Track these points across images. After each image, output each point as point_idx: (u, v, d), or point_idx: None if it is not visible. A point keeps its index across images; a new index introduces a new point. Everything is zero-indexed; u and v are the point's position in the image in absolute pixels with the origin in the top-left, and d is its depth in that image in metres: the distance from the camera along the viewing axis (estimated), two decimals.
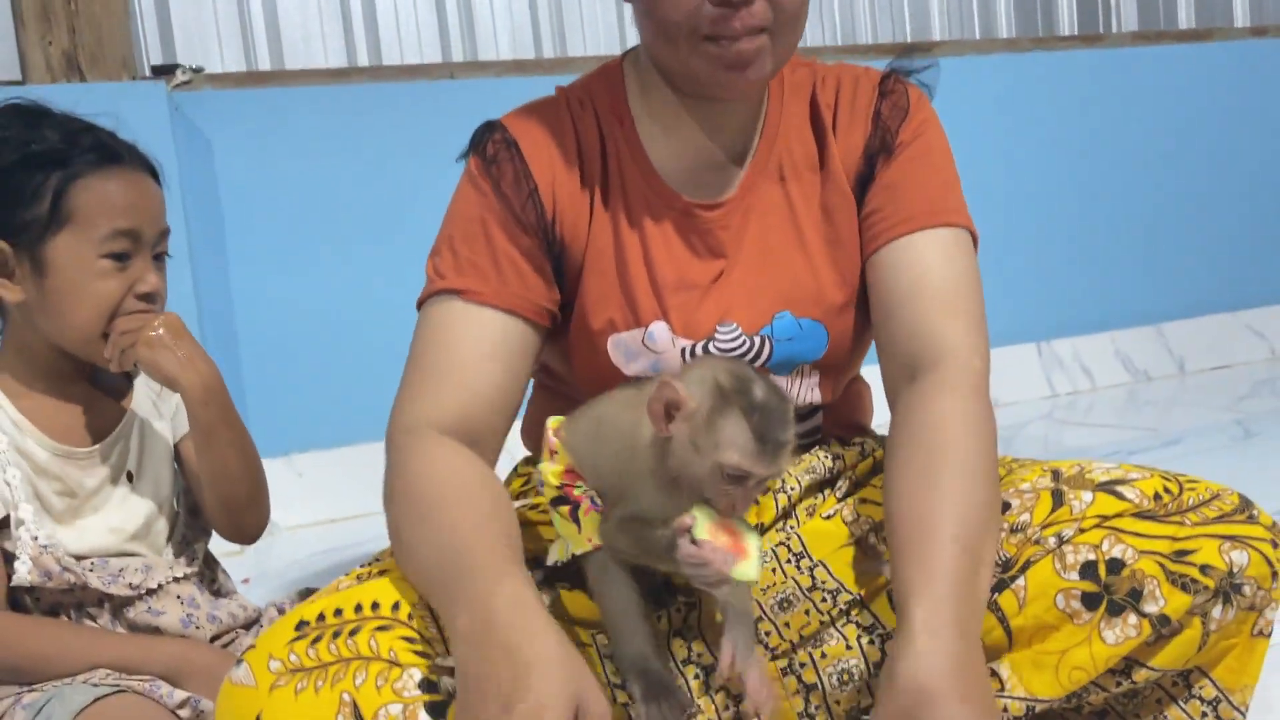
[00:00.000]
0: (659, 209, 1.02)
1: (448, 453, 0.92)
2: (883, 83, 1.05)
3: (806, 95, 1.06)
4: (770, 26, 0.93)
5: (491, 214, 0.99)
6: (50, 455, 1.09)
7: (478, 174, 1.01)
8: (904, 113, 1.03)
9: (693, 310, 1.00)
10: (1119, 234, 2.89)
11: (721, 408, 0.81)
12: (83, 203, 1.07)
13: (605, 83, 1.05)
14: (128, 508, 1.12)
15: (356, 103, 2.23)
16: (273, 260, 2.20)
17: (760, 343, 1.01)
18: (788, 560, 0.98)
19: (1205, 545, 0.88)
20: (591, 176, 1.02)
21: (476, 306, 0.96)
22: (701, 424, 0.81)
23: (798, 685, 0.88)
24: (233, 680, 0.83)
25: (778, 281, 1.01)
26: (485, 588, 0.79)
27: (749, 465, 0.80)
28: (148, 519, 1.13)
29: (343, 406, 2.20)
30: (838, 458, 1.06)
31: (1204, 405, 2.59)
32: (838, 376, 1.06)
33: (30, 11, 1.98)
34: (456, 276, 0.97)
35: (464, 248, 0.99)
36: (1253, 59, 2.99)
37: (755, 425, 0.80)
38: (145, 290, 1.09)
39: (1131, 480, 0.92)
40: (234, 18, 2.23)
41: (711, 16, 0.91)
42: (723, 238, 1.02)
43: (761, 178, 1.03)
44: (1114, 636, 0.88)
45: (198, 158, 2.14)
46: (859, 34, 2.73)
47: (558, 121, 1.03)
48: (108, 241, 1.07)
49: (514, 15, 2.42)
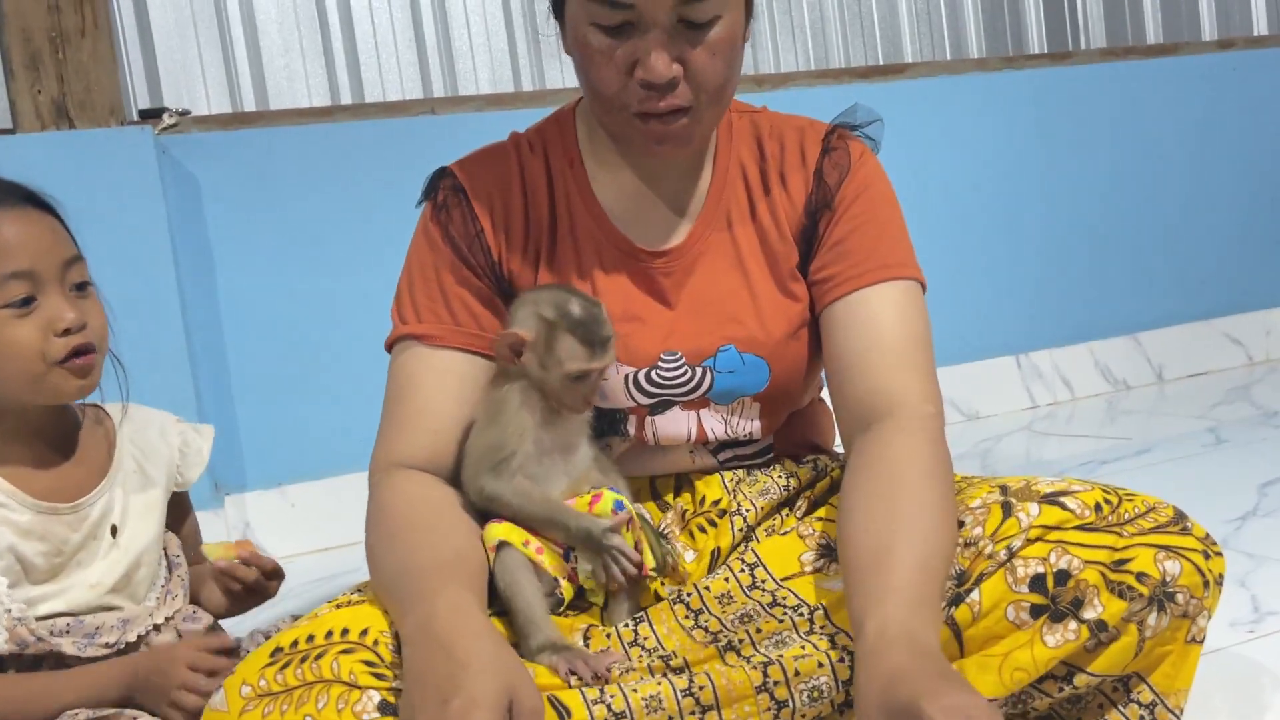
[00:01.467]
0: (606, 248, 1.08)
1: (417, 485, 1.01)
2: (826, 138, 1.10)
3: (754, 144, 1.11)
4: (694, 105, 0.99)
5: (442, 259, 1.06)
6: (33, 516, 1.07)
7: (429, 221, 1.08)
8: (845, 170, 1.08)
9: (637, 341, 1.06)
10: (1095, 246, 2.94)
11: (552, 332, 1.00)
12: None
13: (558, 128, 1.11)
14: (110, 561, 1.11)
15: (341, 140, 2.28)
16: (262, 296, 2.24)
17: (702, 374, 1.07)
18: (743, 574, 1.02)
19: (1141, 554, 0.92)
20: (539, 217, 1.08)
21: (436, 350, 1.04)
22: (542, 349, 1.00)
23: (770, 702, 0.91)
24: (211, 706, 0.87)
25: (722, 319, 1.07)
26: (430, 594, 0.87)
27: (587, 366, 1.00)
28: (128, 570, 1.12)
29: (333, 438, 2.24)
30: (792, 476, 1.11)
31: (1179, 413, 2.64)
32: (779, 409, 1.11)
33: (18, 62, 2.04)
34: (416, 322, 1.05)
35: (420, 294, 1.06)
36: (1221, 72, 3.05)
37: (581, 336, 1.00)
38: (63, 327, 1.04)
39: (1074, 492, 0.97)
40: (219, 61, 2.29)
41: (638, 95, 0.97)
42: (666, 284, 1.08)
43: (709, 228, 1.09)
44: (1054, 640, 0.91)
45: (186, 198, 2.19)
46: (831, 58, 2.79)
47: (505, 166, 1.09)
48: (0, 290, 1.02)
49: (493, 50, 2.48)
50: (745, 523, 1.08)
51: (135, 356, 2.03)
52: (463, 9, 2.45)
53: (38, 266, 1.04)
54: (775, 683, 0.92)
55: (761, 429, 1.10)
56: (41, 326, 1.05)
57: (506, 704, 0.79)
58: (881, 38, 2.84)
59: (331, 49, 2.36)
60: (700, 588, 1.02)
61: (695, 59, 0.97)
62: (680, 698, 0.90)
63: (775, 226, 1.09)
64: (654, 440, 1.09)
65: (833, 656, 0.93)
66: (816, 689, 0.92)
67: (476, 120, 2.34)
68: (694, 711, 0.91)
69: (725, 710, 0.91)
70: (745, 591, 1.00)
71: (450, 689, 0.78)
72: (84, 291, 1.09)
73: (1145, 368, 2.99)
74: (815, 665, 0.92)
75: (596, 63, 0.98)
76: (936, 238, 2.73)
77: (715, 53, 0.97)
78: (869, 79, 2.72)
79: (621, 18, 0.95)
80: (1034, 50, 2.98)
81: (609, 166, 1.09)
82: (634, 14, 0.95)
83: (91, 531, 1.11)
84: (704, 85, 0.98)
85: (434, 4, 2.43)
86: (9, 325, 1.04)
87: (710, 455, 1.12)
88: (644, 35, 0.95)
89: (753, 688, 0.91)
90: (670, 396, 1.08)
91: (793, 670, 0.92)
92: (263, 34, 2.31)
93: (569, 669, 0.90)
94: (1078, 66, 2.91)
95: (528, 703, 0.80)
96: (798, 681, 0.92)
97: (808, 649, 0.93)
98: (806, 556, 1.02)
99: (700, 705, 0.91)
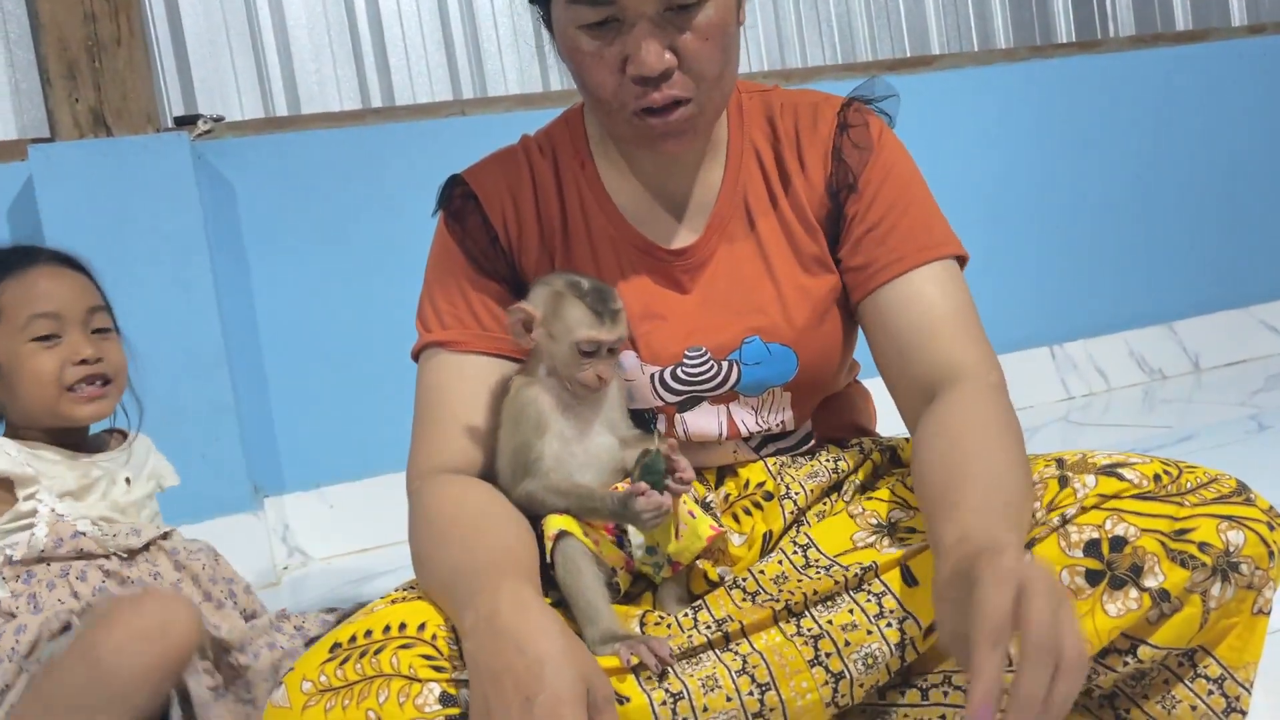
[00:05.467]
0: (623, 247, 1.07)
1: (458, 487, 1.01)
2: (842, 112, 1.09)
3: (767, 125, 1.10)
4: (694, 95, 0.97)
5: (460, 266, 1.07)
6: (67, 460, 1.27)
7: (445, 229, 1.09)
8: (867, 151, 1.07)
9: (660, 338, 1.05)
10: (1129, 235, 2.92)
11: (560, 301, 0.99)
12: (4, 302, 1.25)
13: (567, 129, 1.11)
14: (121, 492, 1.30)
15: (372, 142, 2.30)
16: (297, 299, 2.26)
17: (728, 367, 1.06)
18: (796, 555, 1.02)
19: (1203, 524, 0.91)
20: (550, 219, 1.08)
21: (461, 355, 1.05)
22: (551, 319, 0.98)
23: (826, 675, 0.91)
24: (273, 703, 0.88)
25: (745, 311, 1.06)
26: (489, 589, 0.86)
27: (596, 334, 0.97)
28: (132, 505, 1.30)
29: (370, 439, 2.25)
30: (839, 460, 1.10)
31: (1218, 401, 2.61)
32: (809, 398, 1.10)
33: (56, 71, 2.06)
34: (440, 329, 1.06)
35: (442, 301, 1.07)
36: (1252, 57, 3.03)
37: (590, 304, 0.98)
38: (80, 358, 1.25)
39: (1133, 464, 0.96)
40: (251, 67, 2.31)
41: (635, 93, 0.96)
42: (685, 279, 1.07)
43: (726, 219, 1.08)
44: (1115, 609, 0.90)
45: (221, 203, 2.21)
46: (858, 51, 2.78)
47: (515, 169, 1.09)
48: (29, 326, 1.24)
49: (520, 51, 2.48)
50: (796, 505, 1.07)
51: (174, 361, 2.07)
52: (490, 10, 2.46)
53: (63, 310, 1.26)
54: (827, 654, 0.91)
55: (794, 419, 1.10)
56: (61, 358, 1.25)
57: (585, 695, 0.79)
58: (908, 30, 2.83)
59: (361, 53, 2.38)
60: (755, 571, 1.01)
61: (687, 46, 0.94)
62: (736, 677, 0.90)
63: (794, 209, 1.07)
64: (685, 437, 1.09)
65: (881, 624, 0.92)
66: (870, 655, 0.92)
67: (506, 120, 2.35)
68: (751, 691, 0.90)
69: (783, 687, 0.91)
70: (800, 572, 1.00)
71: (533, 685, 0.78)
72: (105, 335, 1.30)
73: (1181, 356, 2.96)
74: (865, 634, 0.92)
75: (588, 66, 0.96)
76: (967, 230, 2.67)
77: (707, 37, 0.95)
78: (896, 71, 2.71)
79: (605, 14, 0.93)
80: (1062, 39, 2.97)
81: (620, 165, 1.08)
82: (616, 9, 0.93)
83: (109, 475, 1.30)
84: (701, 72, 0.96)
85: (462, 6, 2.44)
86: (34, 356, 1.25)
87: (752, 451, 1.11)
88: (631, 29, 0.94)
89: (805, 662, 0.91)
90: (698, 392, 1.07)
91: (842, 641, 0.92)
92: (293, 39, 2.33)
93: (630, 654, 0.90)
94: (1107, 55, 2.89)
95: (602, 691, 0.80)
96: (849, 651, 0.92)
97: (855, 613, 0.93)
98: (859, 535, 1.01)
99: (757, 684, 0.91)
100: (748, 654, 0.92)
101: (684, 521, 1.00)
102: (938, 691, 0.96)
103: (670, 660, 0.89)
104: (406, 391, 1.10)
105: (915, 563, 0.96)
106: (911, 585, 0.95)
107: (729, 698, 0.90)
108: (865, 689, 0.93)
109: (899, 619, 0.94)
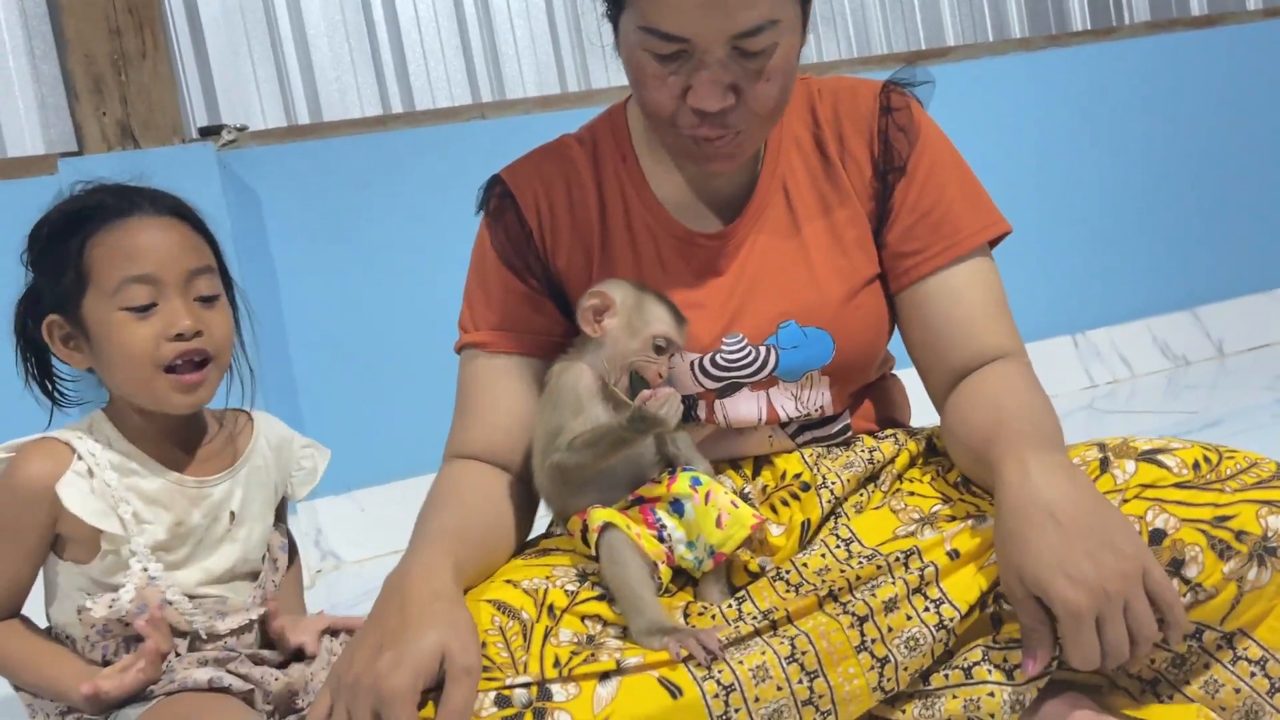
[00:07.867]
0: (663, 237, 1.10)
1: (468, 470, 1.08)
2: (883, 94, 1.10)
3: (806, 111, 1.11)
4: (748, 126, 0.99)
5: (495, 267, 1.12)
6: (162, 483, 1.09)
7: (484, 229, 1.14)
8: (914, 135, 1.09)
9: (698, 325, 1.07)
10: (1149, 222, 2.91)
11: (643, 298, 1.04)
12: (94, 259, 1.05)
13: (610, 124, 1.14)
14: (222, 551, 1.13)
15: (394, 148, 2.31)
16: (323, 305, 2.27)
17: (766, 353, 1.08)
18: (838, 549, 1.03)
19: (1244, 511, 0.92)
20: (586, 211, 1.11)
21: (493, 356, 1.11)
22: (632, 310, 1.03)
23: (872, 661, 0.92)
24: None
25: (781, 295, 1.08)
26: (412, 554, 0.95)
27: (673, 333, 1.04)
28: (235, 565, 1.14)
29: (399, 442, 2.26)
30: (874, 450, 1.12)
31: (1244, 386, 2.60)
32: (848, 381, 1.12)
33: (82, 85, 2.09)
34: (474, 331, 1.12)
35: (479, 303, 1.13)
36: (1268, 40, 3.01)
37: (669, 307, 1.04)
38: (175, 332, 1.05)
39: (1173, 450, 0.97)
40: (273, 76, 2.33)
41: (690, 121, 0.98)
42: (722, 265, 1.09)
43: (764, 204, 1.10)
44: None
45: (247, 211, 2.23)
46: (873, 45, 2.79)
47: (551, 166, 1.12)
48: (120, 293, 1.04)
49: (538, 53, 2.50)
50: (833, 495, 1.08)
51: None
52: (507, 14, 2.47)
53: (161, 273, 1.06)
54: (872, 640, 0.93)
55: (833, 402, 1.11)
56: (157, 330, 1.06)
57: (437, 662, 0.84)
58: (923, 21, 2.84)
59: (381, 59, 2.40)
60: (798, 564, 1.02)
61: (750, 87, 0.96)
62: (785, 665, 0.91)
63: (835, 190, 1.09)
64: (725, 423, 1.10)
65: (922, 610, 0.94)
66: (913, 639, 0.93)
67: (526, 122, 2.36)
68: (801, 680, 0.92)
69: (830, 673, 0.92)
70: (842, 564, 1.01)
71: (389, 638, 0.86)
72: (211, 303, 1.10)
73: (1205, 342, 2.95)
74: (904, 619, 0.93)
75: (649, 84, 0.98)
76: None
77: (770, 79, 0.97)
78: (912, 64, 2.71)
79: (676, 48, 0.95)
80: (1077, 27, 2.96)
81: (664, 160, 1.11)
82: (688, 45, 0.94)
83: (212, 513, 1.13)
84: (757, 110, 0.98)
85: (479, 10, 2.46)
86: (127, 326, 1.06)
87: (788, 438, 1.12)
88: (697, 64, 0.95)
89: (852, 648, 0.92)
90: (737, 379, 1.09)
91: (885, 627, 0.93)
92: (314, 48, 2.35)
93: (679, 647, 0.91)
94: (1123, 41, 2.89)
95: (460, 660, 0.85)
96: (891, 637, 0.93)
97: (898, 588, 0.94)
98: (901, 530, 1.02)
99: (806, 672, 0.92)
100: (794, 636, 0.93)
101: (726, 511, 1.01)
102: (981, 669, 0.97)
103: (720, 652, 0.91)
104: (434, 394, 1.14)
105: (957, 540, 0.97)
106: (954, 559, 0.96)
107: (779, 687, 0.91)
108: (910, 673, 0.94)
109: (935, 602, 0.95)
